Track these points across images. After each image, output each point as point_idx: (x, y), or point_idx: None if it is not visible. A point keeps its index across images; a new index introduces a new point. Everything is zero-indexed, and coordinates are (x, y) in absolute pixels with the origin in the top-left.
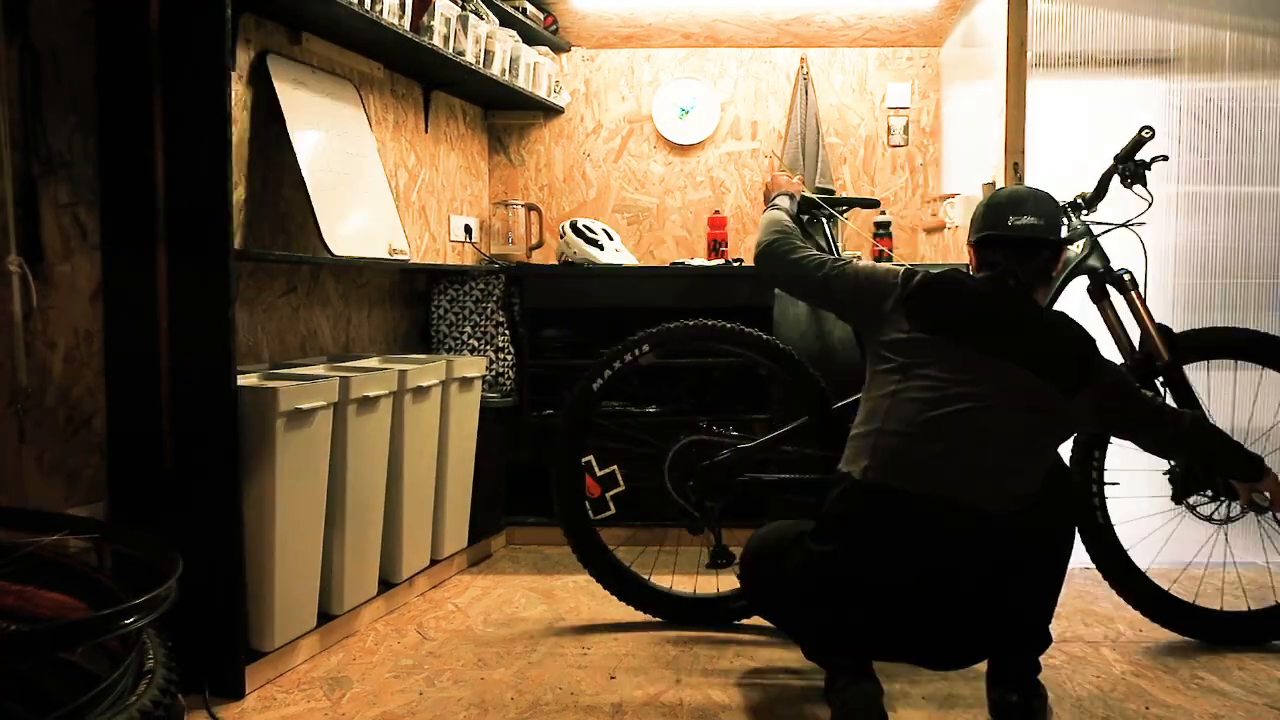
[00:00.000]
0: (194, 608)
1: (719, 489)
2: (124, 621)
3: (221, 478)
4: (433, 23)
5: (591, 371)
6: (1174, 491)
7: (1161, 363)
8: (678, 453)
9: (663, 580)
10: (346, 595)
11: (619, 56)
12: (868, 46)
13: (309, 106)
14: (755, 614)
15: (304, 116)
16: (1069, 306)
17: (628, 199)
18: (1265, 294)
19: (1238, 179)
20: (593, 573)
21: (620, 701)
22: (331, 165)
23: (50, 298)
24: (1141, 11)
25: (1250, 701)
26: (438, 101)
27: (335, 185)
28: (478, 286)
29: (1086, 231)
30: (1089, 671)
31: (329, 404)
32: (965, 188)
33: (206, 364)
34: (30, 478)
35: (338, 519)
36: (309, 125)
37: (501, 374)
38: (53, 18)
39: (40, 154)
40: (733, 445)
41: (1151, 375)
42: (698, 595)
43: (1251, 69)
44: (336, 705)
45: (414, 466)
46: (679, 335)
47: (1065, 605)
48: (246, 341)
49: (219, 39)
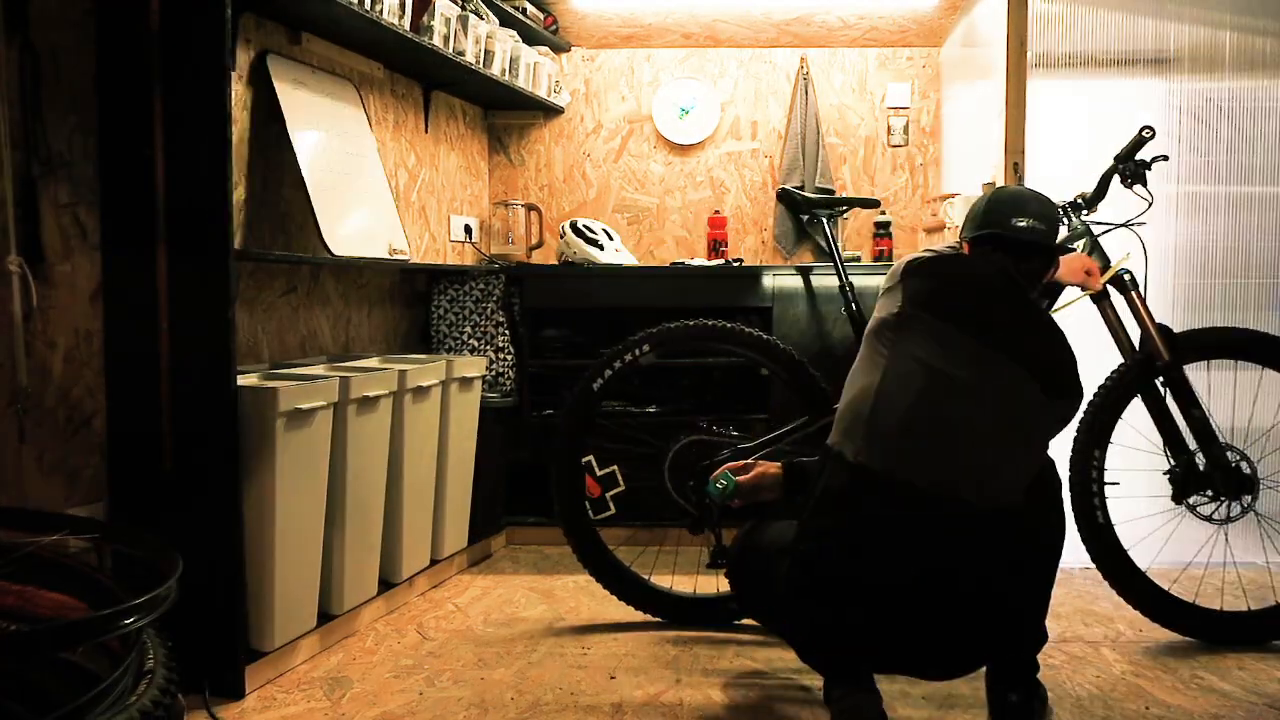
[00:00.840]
0: (194, 608)
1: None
2: (124, 621)
3: (221, 478)
4: (433, 23)
5: (591, 371)
6: (1174, 492)
7: (1162, 363)
8: (678, 453)
9: (663, 580)
10: (346, 595)
11: (619, 56)
12: (868, 46)
13: (309, 106)
14: (746, 615)
15: (304, 116)
16: (1072, 307)
17: (628, 199)
18: (1265, 294)
19: (1238, 179)
20: (592, 572)
21: (620, 701)
22: (331, 165)
23: (50, 298)
24: (1141, 11)
25: (1250, 701)
26: (438, 101)
27: (335, 185)
28: (478, 286)
29: (1086, 231)
30: (1089, 671)
31: (329, 404)
32: (965, 188)
33: (206, 364)
34: (30, 478)
35: (338, 519)
36: (309, 125)
37: (501, 374)
38: (53, 18)
39: (40, 154)
40: (732, 445)
41: (1152, 375)
42: (698, 595)
43: (1252, 69)
44: (336, 705)
45: (414, 466)
46: (679, 335)
47: (1065, 605)
48: (246, 341)
49: (219, 39)
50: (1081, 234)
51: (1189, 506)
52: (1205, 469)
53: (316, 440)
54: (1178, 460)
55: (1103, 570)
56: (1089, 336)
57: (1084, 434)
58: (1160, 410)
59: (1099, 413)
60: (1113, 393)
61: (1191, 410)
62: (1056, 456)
